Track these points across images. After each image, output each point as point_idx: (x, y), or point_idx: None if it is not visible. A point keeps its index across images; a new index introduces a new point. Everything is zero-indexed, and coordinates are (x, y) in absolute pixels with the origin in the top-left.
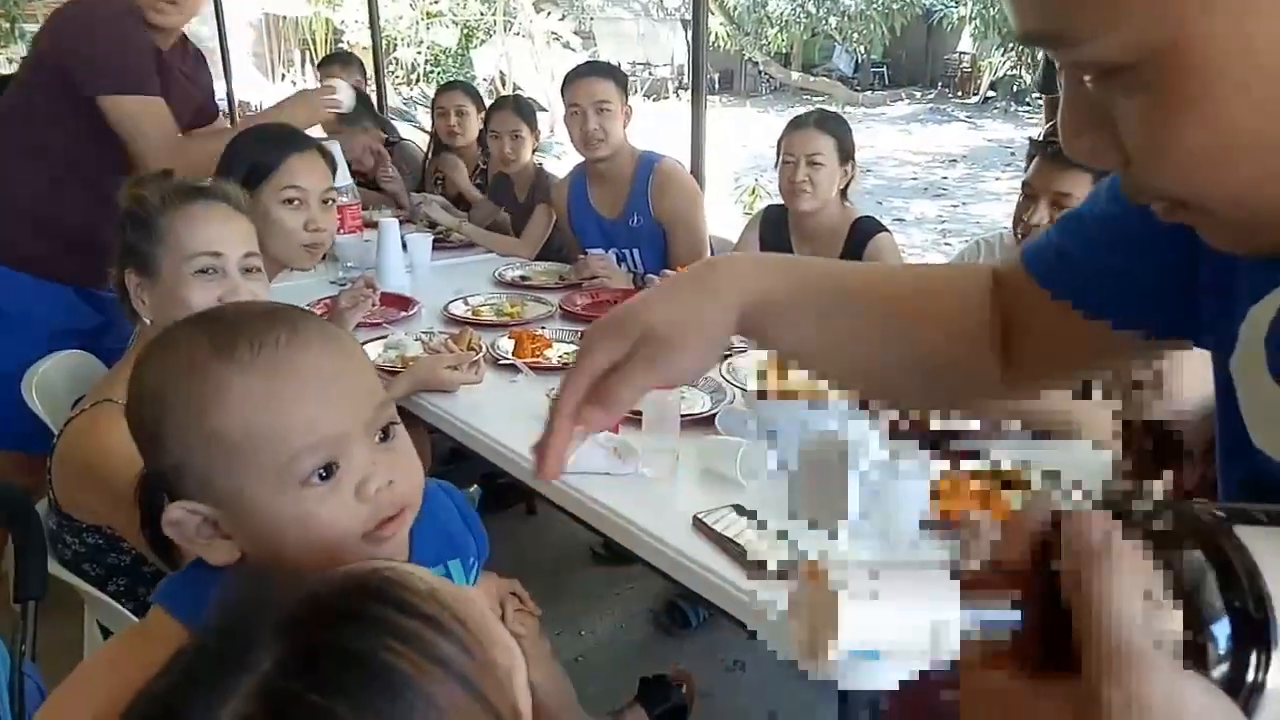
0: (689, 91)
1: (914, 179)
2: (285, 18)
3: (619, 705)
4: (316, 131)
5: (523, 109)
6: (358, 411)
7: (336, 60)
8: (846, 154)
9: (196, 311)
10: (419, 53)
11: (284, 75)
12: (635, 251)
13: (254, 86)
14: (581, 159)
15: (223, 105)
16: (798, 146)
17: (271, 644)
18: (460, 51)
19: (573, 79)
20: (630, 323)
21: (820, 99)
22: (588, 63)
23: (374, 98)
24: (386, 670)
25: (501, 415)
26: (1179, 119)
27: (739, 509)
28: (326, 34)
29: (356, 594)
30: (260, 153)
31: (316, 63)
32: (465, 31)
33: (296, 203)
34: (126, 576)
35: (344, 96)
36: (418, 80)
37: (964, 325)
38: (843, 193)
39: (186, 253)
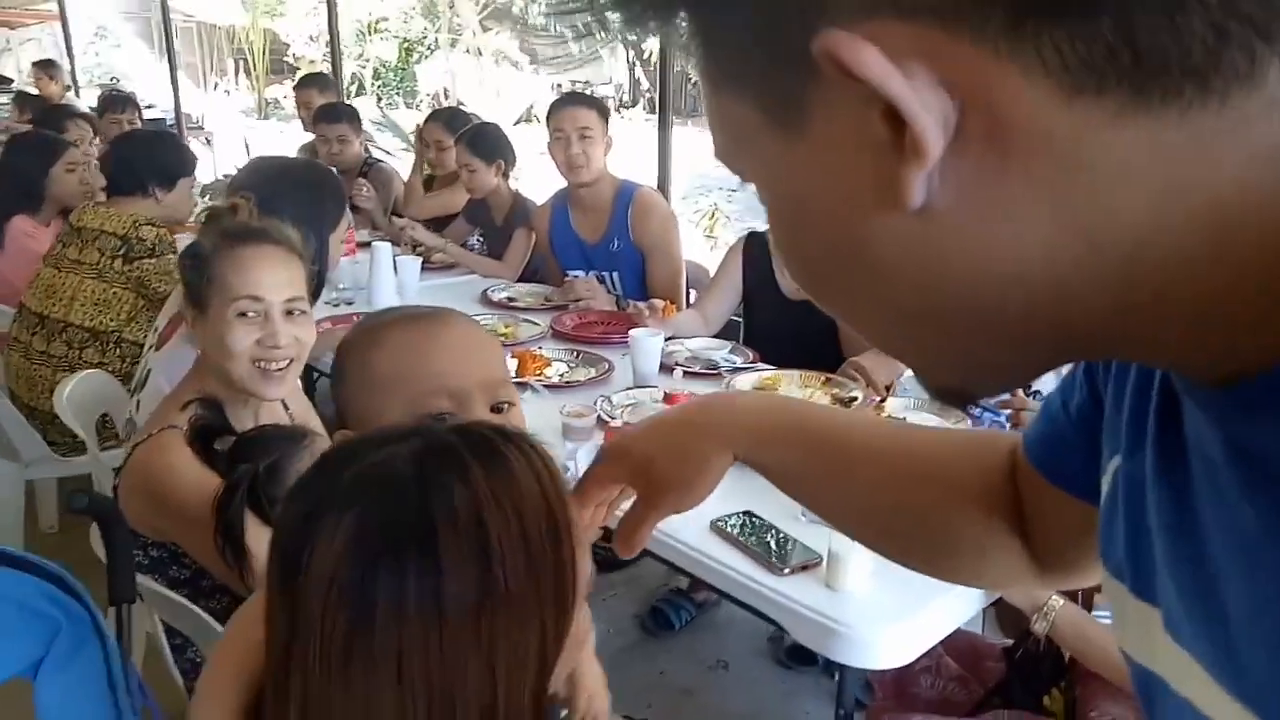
0: (630, 110)
1: None
2: (219, 26)
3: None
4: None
5: (478, 141)
6: (479, 378)
7: (314, 83)
8: None
9: (236, 351)
10: (361, 66)
11: (217, 85)
12: (615, 274)
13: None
14: (564, 184)
15: (169, 118)
16: None
17: (449, 429)
18: (401, 66)
19: (557, 107)
20: (633, 459)
21: None
22: (572, 92)
23: None
24: (508, 461)
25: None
26: (775, 238)
27: (749, 514)
28: (266, 45)
29: (520, 434)
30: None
31: (295, 84)
32: (405, 46)
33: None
34: (186, 588)
35: None
36: (359, 93)
37: (975, 503)
38: None
39: (231, 295)
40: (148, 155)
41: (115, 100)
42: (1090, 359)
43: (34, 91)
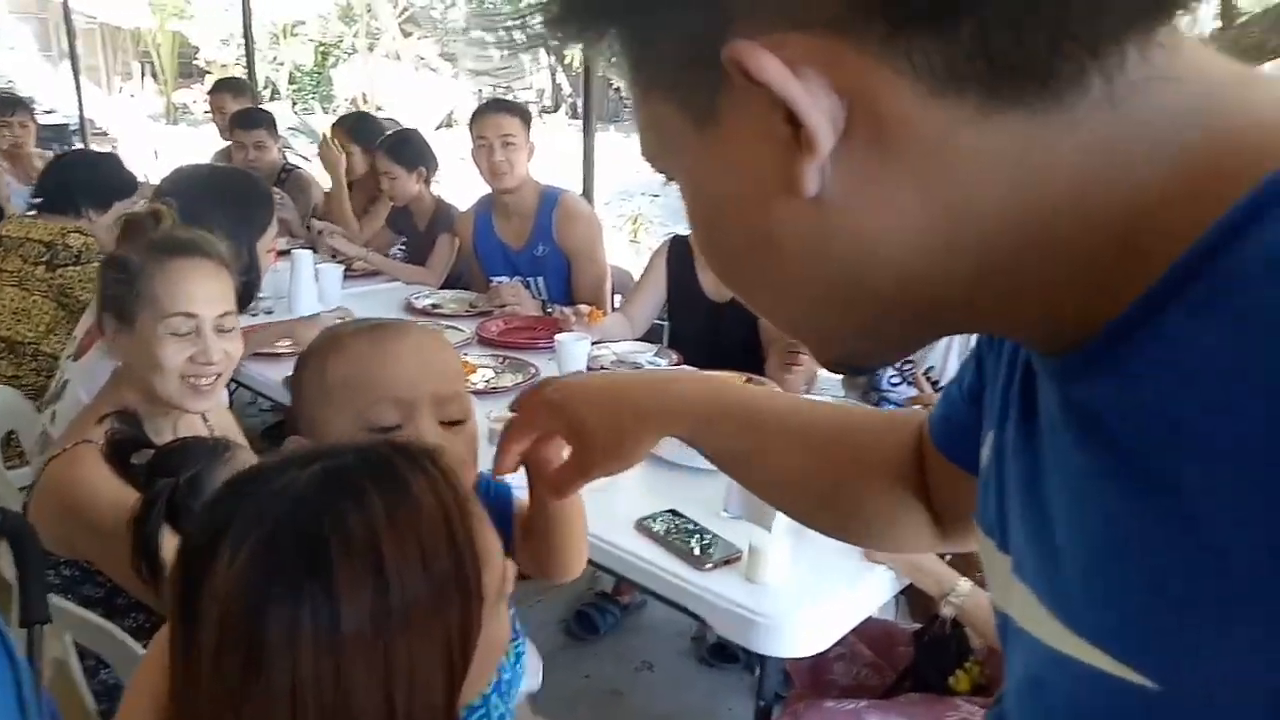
0: (551, 115)
1: None
2: (123, 29)
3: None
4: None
5: (398, 149)
6: (429, 391)
7: (229, 88)
8: None
9: (168, 368)
10: (275, 70)
11: (121, 88)
12: (540, 279)
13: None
14: (487, 190)
15: (71, 123)
16: None
17: (350, 452)
18: (317, 70)
19: (480, 114)
20: (567, 416)
21: None
22: (495, 100)
23: None
24: (406, 483)
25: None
26: (692, 228)
27: (675, 513)
28: (174, 48)
29: (415, 446)
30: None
31: (210, 89)
32: (322, 50)
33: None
34: (101, 606)
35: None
36: (274, 97)
37: (886, 477)
38: None
39: (163, 311)
40: (86, 177)
41: (6, 103)
42: (959, 332)
43: None
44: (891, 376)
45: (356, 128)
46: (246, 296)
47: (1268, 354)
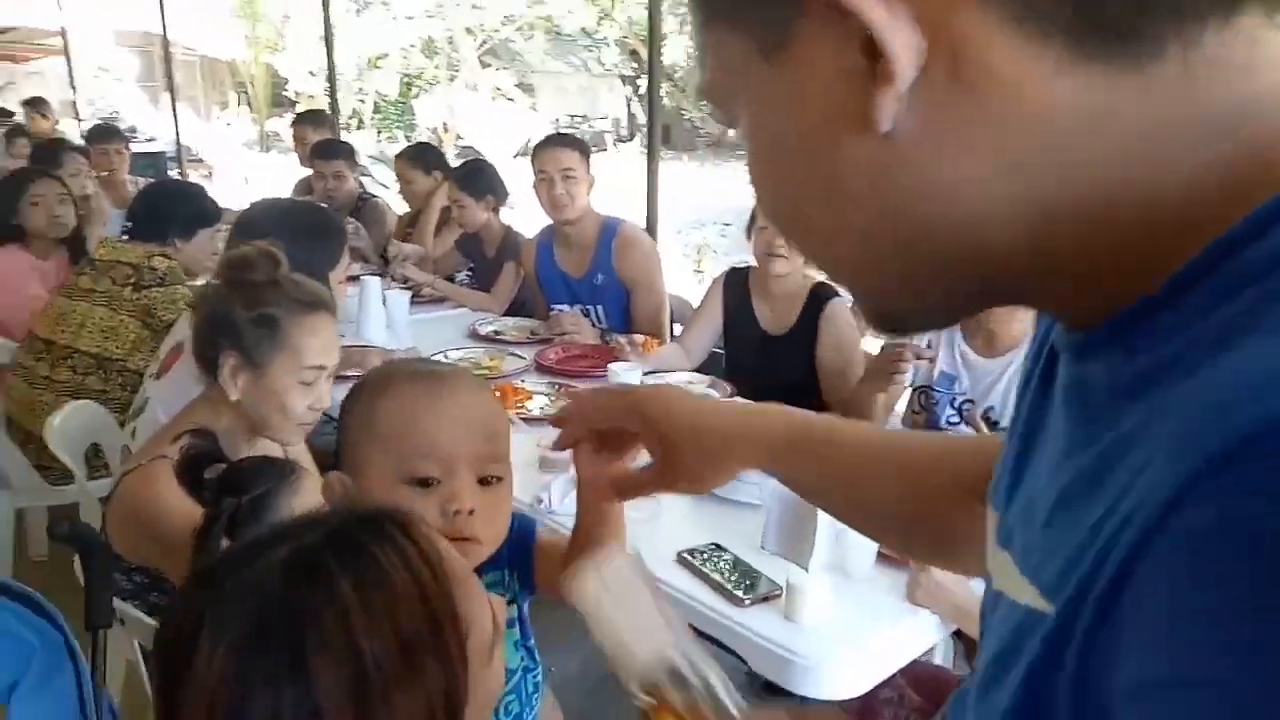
0: (627, 144)
1: None
2: (221, 60)
3: None
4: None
5: (468, 178)
6: (470, 449)
7: (309, 120)
8: None
9: (295, 413)
10: (361, 100)
11: (218, 117)
12: (599, 308)
13: (188, 129)
14: (549, 221)
15: (169, 150)
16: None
17: (318, 530)
18: (401, 100)
19: (541, 149)
20: (659, 435)
21: None
22: (555, 134)
23: None
24: (375, 561)
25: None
26: (752, 167)
27: (718, 547)
28: (267, 79)
29: (385, 516)
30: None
31: (292, 121)
32: (406, 81)
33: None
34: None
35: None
36: (360, 126)
37: (974, 500)
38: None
39: (302, 363)
40: (174, 205)
41: (103, 132)
42: (1000, 303)
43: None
44: (950, 415)
45: (418, 156)
46: None
47: (1222, 368)
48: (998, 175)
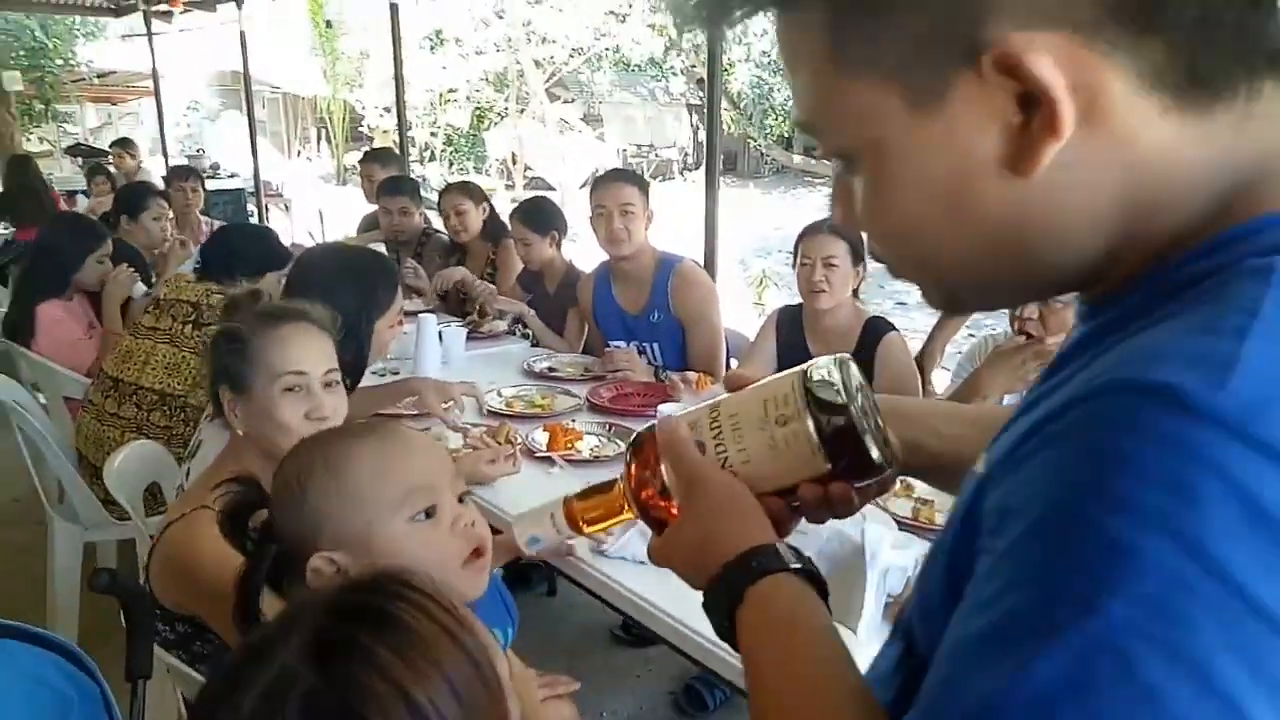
0: (694, 173)
1: None
2: (303, 97)
3: None
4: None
5: (531, 215)
6: (446, 472)
7: (377, 158)
8: (858, 256)
9: (289, 425)
10: (433, 133)
11: (299, 152)
12: (655, 345)
13: (269, 163)
14: (606, 257)
15: (248, 185)
16: (814, 250)
17: (318, 610)
18: (472, 133)
19: (600, 184)
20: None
21: (821, 180)
22: (614, 170)
23: None
24: (399, 620)
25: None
26: (876, 199)
27: None
28: (345, 115)
29: (384, 577)
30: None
31: (360, 159)
32: (477, 114)
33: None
34: (209, 663)
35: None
36: (432, 159)
37: None
38: (855, 293)
39: (276, 371)
40: (246, 247)
41: (180, 171)
42: (1045, 296)
43: (112, 168)
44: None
45: (463, 190)
46: (355, 370)
47: (1138, 340)
48: (1109, 209)
